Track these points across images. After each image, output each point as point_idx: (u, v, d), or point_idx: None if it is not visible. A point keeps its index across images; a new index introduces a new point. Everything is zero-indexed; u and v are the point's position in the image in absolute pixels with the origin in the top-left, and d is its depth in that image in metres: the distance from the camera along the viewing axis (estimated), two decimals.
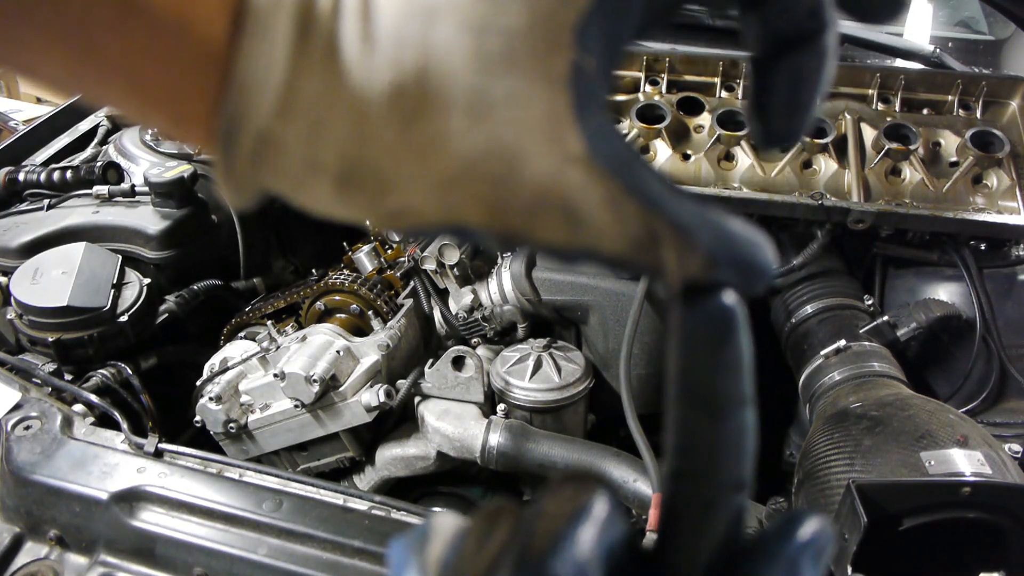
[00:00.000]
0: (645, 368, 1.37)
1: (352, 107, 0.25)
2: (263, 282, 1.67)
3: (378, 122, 0.25)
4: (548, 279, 1.38)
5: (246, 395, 1.28)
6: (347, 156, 0.25)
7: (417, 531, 0.27)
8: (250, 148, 0.25)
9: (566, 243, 0.26)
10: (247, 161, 0.26)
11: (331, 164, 0.26)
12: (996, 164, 1.33)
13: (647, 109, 1.43)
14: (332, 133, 0.25)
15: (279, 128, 0.25)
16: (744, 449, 0.25)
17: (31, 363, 1.27)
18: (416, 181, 0.25)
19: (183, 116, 0.26)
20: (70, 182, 1.57)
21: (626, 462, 1.19)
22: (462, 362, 1.27)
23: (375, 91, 0.25)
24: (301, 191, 0.27)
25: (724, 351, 0.25)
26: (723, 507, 0.25)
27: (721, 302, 0.25)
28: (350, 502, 1.00)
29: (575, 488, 0.24)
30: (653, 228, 0.25)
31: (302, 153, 0.25)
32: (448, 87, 0.24)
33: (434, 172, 0.25)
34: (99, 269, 1.34)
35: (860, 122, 1.41)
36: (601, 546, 0.23)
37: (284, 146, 0.25)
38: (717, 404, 0.25)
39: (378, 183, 0.26)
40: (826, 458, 0.97)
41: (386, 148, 0.25)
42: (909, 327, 1.25)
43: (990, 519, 0.79)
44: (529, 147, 0.25)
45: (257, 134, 0.25)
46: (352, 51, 0.25)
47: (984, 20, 2.42)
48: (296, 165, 0.26)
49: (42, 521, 1.01)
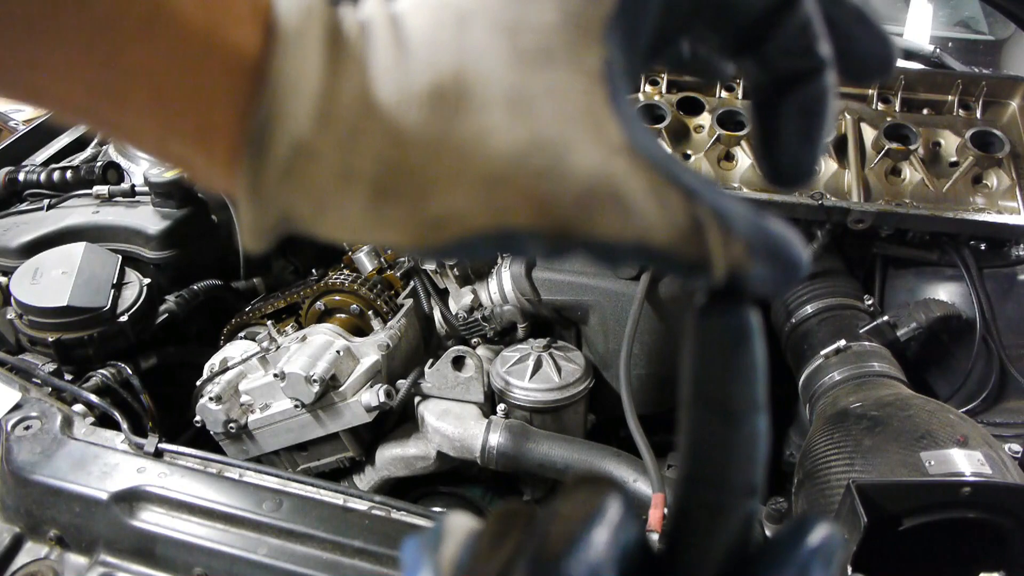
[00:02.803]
0: (645, 368, 1.37)
1: (389, 112, 0.24)
2: (263, 282, 1.67)
3: (417, 124, 0.24)
4: (548, 279, 1.38)
5: (246, 395, 1.28)
6: (385, 161, 0.25)
7: (430, 532, 0.27)
8: (283, 157, 0.24)
9: (618, 235, 0.25)
10: (278, 172, 0.24)
11: (367, 172, 0.25)
12: (996, 164, 1.33)
13: (647, 109, 1.43)
14: (369, 140, 0.24)
15: (314, 135, 0.24)
16: (756, 455, 0.26)
17: (31, 363, 1.27)
18: (459, 182, 0.25)
19: (208, 127, 0.25)
20: (70, 182, 1.57)
21: (626, 462, 1.19)
22: (462, 362, 1.27)
23: (412, 94, 0.24)
24: (330, 210, 0.25)
25: (739, 357, 0.25)
26: (734, 511, 0.25)
27: (737, 310, 0.25)
28: (350, 502, 1.00)
29: (589, 491, 0.24)
30: (697, 216, 0.25)
31: (337, 162, 0.25)
32: (487, 85, 0.24)
33: (478, 170, 0.24)
34: (99, 269, 1.34)
35: (860, 122, 1.41)
36: (615, 548, 0.23)
37: (318, 156, 0.24)
38: (731, 409, 0.25)
39: (418, 188, 0.25)
40: (826, 458, 0.97)
41: (427, 149, 0.24)
42: (909, 327, 1.25)
43: (990, 519, 0.79)
44: (573, 139, 0.25)
45: (291, 142, 0.24)
46: (386, 58, 0.25)
47: (984, 20, 2.41)
48: (329, 177, 0.25)
49: (42, 521, 1.01)
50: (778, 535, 0.25)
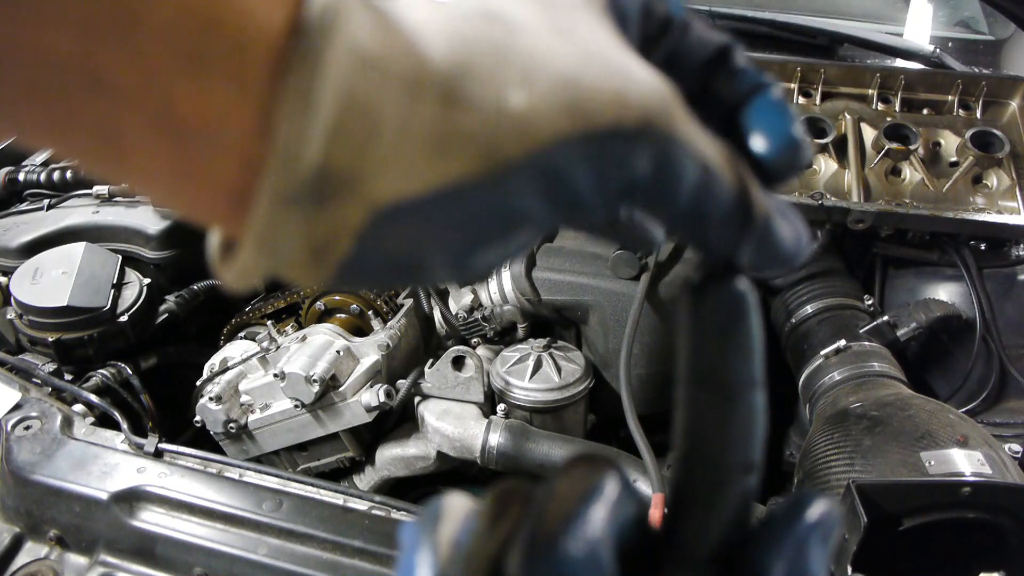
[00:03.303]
0: (645, 368, 1.37)
1: (448, 24, 0.23)
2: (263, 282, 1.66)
3: (479, 33, 0.23)
4: (548, 279, 1.38)
5: (246, 395, 1.28)
6: (453, 64, 0.23)
7: (428, 512, 0.27)
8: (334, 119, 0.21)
9: (693, 139, 0.25)
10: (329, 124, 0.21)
11: (435, 78, 0.22)
12: (996, 164, 1.33)
13: None
14: (431, 49, 0.23)
15: (372, 89, 0.21)
16: (754, 431, 0.26)
17: (31, 363, 1.27)
18: (534, 83, 0.23)
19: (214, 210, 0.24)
20: (70, 182, 1.57)
21: (626, 462, 1.19)
22: (462, 362, 1.27)
23: (468, 13, 0.24)
24: (394, 163, 0.22)
25: (735, 333, 0.25)
26: (732, 488, 0.25)
27: (733, 285, 0.25)
28: (350, 502, 1.00)
29: (587, 469, 0.24)
30: (732, 155, 0.26)
31: (402, 78, 0.22)
32: (526, 20, 0.25)
33: (550, 71, 0.24)
34: (99, 269, 1.34)
35: (860, 122, 1.41)
36: (612, 526, 0.23)
37: (378, 111, 0.22)
38: (727, 385, 0.25)
39: (492, 91, 0.23)
40: (826, 458, 0.97)
41: (494, 56, 0.23)
42: (909, 327, 1.25)
43: (990, 519, 0.79)
44: (618, 57, 0.25)
45: (343, 98, 0.21)
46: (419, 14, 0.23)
47: (984, 20, 2.41)
48: (392, 104, 0.22)
49: (42, 521, 1.01)
50: (775, 512, 0.25)
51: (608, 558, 0.22)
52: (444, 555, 0.25)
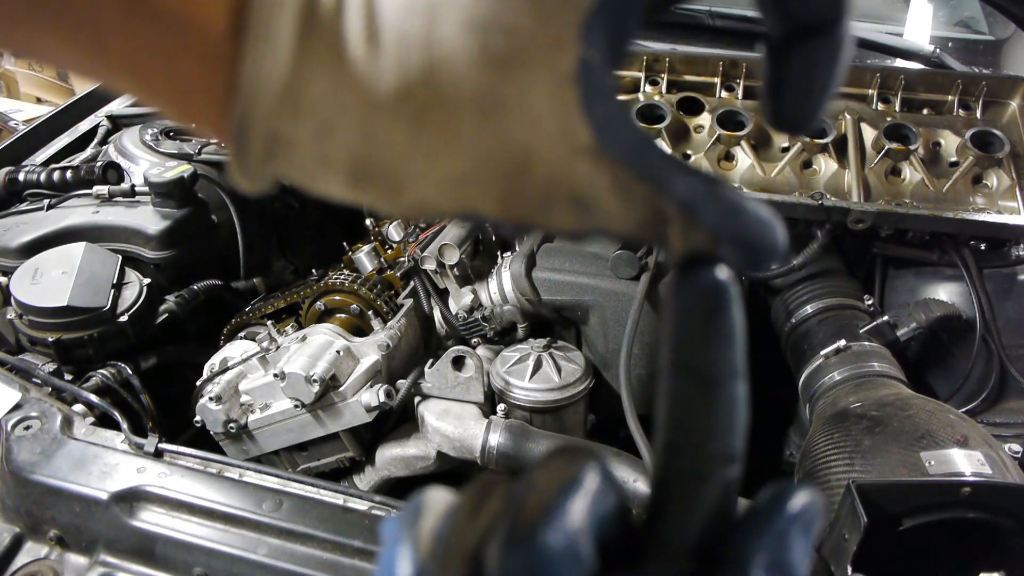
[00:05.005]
0: (645, 368, 1.37)
1: (360, 108, 0.25)
2: (263, 282, 1.67)
3: (387, 123, 0.25)
4: (548, 279, 1.38)
5: (246, 395, 1.28)
6: (358, 156, 0.26)
7: (409, 507, 0.27)
8: (262, 146, 0.25)
9: (577, 227, 0.26)
10: (260, 157, 0.26)
11: (343, 162, 0.26)
12: (996, 164, 1.33)
13: (647, 109, 1.43)
14: (342, 134, 0.25)
15: (289, 128, 0.25)
16: (735, 421, 0.25)
17: (31, 363, 1.27)
18: (428, 179, 0.26)
19: (192, 115, 0.26)
20: (70, 182, 1.57)
21: (626, 462, 1.19)
22: (462, 362, 1.27)
23: (382, 92, 0.25)
24: (316, 183, 0.27)
25: (716, 322, 0.25)
26: (714, 479, 0.25)
27: (714, 276, 0.25)
28: (350, 502, 1.00)
29: (566, 460, 0.24)
30: (660, 209, 0.26)
31: (313, 151, 0.26)
32: (455, 87, 0.24)
33: (445, 171, 0.25)
34: (99, 269, 1.34)
35: (860, 122, 1.41)
36: (592, 517, 0.22)
37: (295, 144, 0.26)
38: (709, 374, 0.25)
39: (391, 181, 0.26)
40: (826, 458, 0.97)
41: (396, 149, 0.25)
42: (909, 327, 1.25)
43: (990, 519, 0.79)
44: (538, 143, 0.25)
45: (267, 134, 0.25)
46: (357, 50, 0.24)
47: (984, 20, 2.41)
48: (309, 161, 0.26)
49: (42, 521, 1.01)
50: (757, 503, 0.25)
51: (587, 550, 0.22)
52: (424, 549, 0.25)
